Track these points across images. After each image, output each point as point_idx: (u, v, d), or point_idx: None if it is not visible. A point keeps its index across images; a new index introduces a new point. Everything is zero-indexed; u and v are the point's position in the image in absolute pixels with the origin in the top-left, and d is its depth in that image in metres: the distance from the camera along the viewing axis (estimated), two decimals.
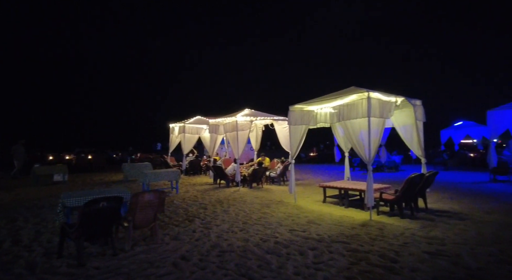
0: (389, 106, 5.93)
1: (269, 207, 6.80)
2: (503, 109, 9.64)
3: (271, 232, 4.82)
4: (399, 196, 5.64)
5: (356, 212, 6.13)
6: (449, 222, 5.19)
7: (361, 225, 5.13)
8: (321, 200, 7.27)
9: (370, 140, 5.63)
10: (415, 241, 4.24)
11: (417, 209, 6.04)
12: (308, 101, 7.05)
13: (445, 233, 4.57)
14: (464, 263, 3.44)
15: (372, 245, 4.10)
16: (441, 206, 6.55)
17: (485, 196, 7.57)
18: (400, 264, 3.45)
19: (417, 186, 5.85)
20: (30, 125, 42.21)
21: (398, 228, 4.90)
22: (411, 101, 6.53)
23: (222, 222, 5.52)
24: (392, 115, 6.23)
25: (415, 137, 6.84)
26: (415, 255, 3.71)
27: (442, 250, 3.88)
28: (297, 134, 7.27)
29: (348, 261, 3.58)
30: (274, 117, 10.65)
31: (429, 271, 3.25)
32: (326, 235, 4.59)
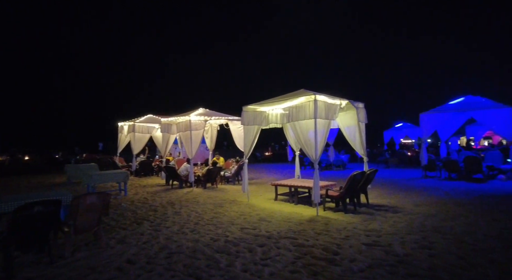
0: (334, 109, 6.32)
1: (222, 206, 6.83)
2: (432, 113, 10.82)
3: (222, 231, 4.87)
4: (343, 193, 6.05)
5: (305, 208, 6.43)
6: (386, 215, 5.70)
7: (308, 221, 5.41)
8: (273, 198, 7.49)
9: (317, 140, 5.96)
10: (355, 234, 4.59)
11: (360, 204, 6.52)
12: (261, 102, 7.22)
13: (382, 225, 5.02)
14: (394, 251, 3.82)
15: (317, 240, 4.36)
16: (380, 201, 7.15)
17: (417, 191, 8.42)
18: (341, 256, 3.72)
19: (359, 183, 6.32)
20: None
21: (341, 223, 5.25)
22: (354, 104, 7.03)
23: (173, 224, 5.42)
24: (337, 117, 6.66)
25: (358, 138, 7.36)
26: (355, 247, 4.03)
27: (378, 240, 4.26)
28: (250, 134, 7.40)
29: (294, 255, 3.77)
30: (229, 117, 10.69)
31: (365, 261, 3.55)
32: (275, 232, 4.76)
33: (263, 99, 7.28)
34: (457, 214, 5.66)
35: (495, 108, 9.61)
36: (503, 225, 4.87)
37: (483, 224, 4.96)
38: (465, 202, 6.71)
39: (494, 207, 6.10)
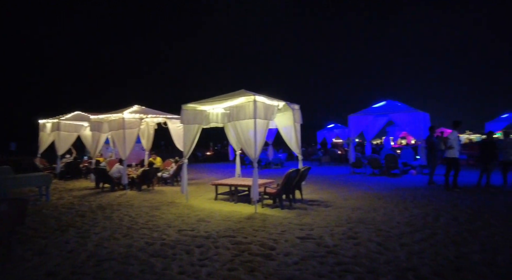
0: (272, 109, 6.57)
1: (158, 209, 6.57)
2: (359, 115, 11.95)
3: (158, 235, 4.69)
4: (279, 190, 6.33)
5: (244, 207, 6.55)
6: (318, 210, 6.13)
7: (247, 218, 5.53)
8: (213, 198, 7.46)
9: (256, 139, 6.12)
10: (290, 229, 4.84)
11: (295, 200, 6.89)
12: (201, 101, 7.13)
13: (314, 219, 5.38)
14: (325, 243, 4.13)
15: (255, 236, 4.48)
16: (313, 196, 7.65)
17: (345, 186, 9.23)
18: (277, 251, 3.90)
19: (294, 180, 6.68)
20: None
21: (278, 218, 5.49)
22: (291, 105, 7.39)
23: (103, 229, 5.04)
24: (275, 118, 6.93)
25: (294, 137, 7.76)
26: (290, 241, 4.25)
27: (311, 234, 4.56)
28: (190, 133, 7.26)
29: (232, 253, 3.83)
30: (168, 115, 10.30)
31: (299, 253, 3.78)
32: (214, 231, 4.76)
33: (204, 99, 7.20)
34: (378, 206, 6.35)
35: (409, 112, 11.01)
36: (411, 213, 5.64)
37: (396, 213, 5.66)
38: (385, 194, 7.57)
39: (406, 198, 7.01)
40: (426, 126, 10.64)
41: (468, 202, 6.47)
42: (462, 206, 6.13)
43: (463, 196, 7.15)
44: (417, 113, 10.73)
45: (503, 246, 3.84)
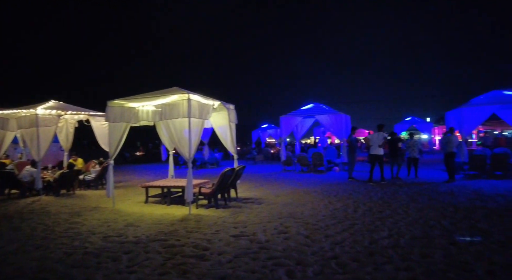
0: (207, 109, 6.52)
1: (80, 215, 5.97)
2: (289, 116, 12.65)
3: (80, 243, 4.27)
4: (215, 189, 6.33)
5: (178, 208, 6.37)
6: (252, 207, 6.31)
7: (180, 220, 5.40)
8: (144, 201, 7.08)
9: (191, 138, 6.00)
10: (225, 228, 4.88)
11: (230, 199, 6.96)
12: (129, 98, 6.69)
13: (248, 216, 5.53)
14: (258, 239, 4.28)
15: (188, 238, 4.41)
16: (248, 194, 7.84)
17: (277, 183, 9.68)
18: (211, 251, 3.90)
19: (229, 179, 6.74)
20: None
21: (212, 218, 5.48)
22: (226, 105, 7.44)
23: (9, 243, 4.37)
24: (210, 117, 6.89)
25: (229, 137, 7.83)
26: (224, 240, 4.29)
27: (244, 231, 4.68)
28: (117, 132, 6.75)
29: (164, 257, 3.70)
30: (90, 112, 9.40)
31: (232, 252, 3.84)
32: (144, 236, 4.53)
33: (133, 95, 6.77)
34: (306, 201, 6.82)
35: (333, 114, 12.05)
36: (334, 206, 6.21)
37: (322, 207, 6.17)
38: (312, 190, 8.17)
39: (330, 193, 7.68)
40: (348, 127, 11.80)
41: (380, 194, 7.39)
42: (376, 198, 6.97)
43: (376, 188, 8.13)
44: (339, 115, 11.80)
45: (405, 231, 4.50)
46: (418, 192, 7.59)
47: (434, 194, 7.27)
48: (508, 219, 5.00)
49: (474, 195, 6.96)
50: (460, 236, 4.21)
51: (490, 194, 7.05)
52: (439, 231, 4.47)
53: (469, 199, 6.56)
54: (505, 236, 4.15)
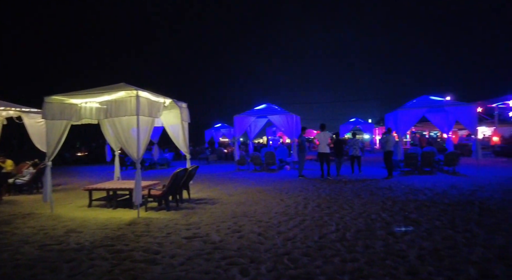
0: (157, 106, 6.27)
1: (10, 224, 5.33)
2: (243, 116, 12.74)
3: (9, 256, 3.81)
4: (166, 191, 6.12)
5: (125, 212, 6.04)
6: (205, 207, 6.24)
7: (128, 224, 5.12)
8: (87, 205, 6.57)
9: (139, 138, 5.72)
10: (177, 230, 4.75)
11: (182, 200, 6.78)
12: (70, 93, 6.16)
13: (201, 217, 5.45)
14: (211, 239, 4.25)
15: (138, 242, 4.20)
16: (201, 194, 7.72)
17: (231, 183, 9.69)
18: (162, 254, 3.76)
19: (182, 180, 6.57)
20: None
21: (163, 221, 5.30)
22: (178, 103, 7.23)
23: None
24: (161, 115, 6.63)
25: (181, 136, 7.62)
26: (176, 243, 4.17)
27: (198, 232, 4.60)
28: (56, 131, 6.17)
29: (111, 263, 3.48)
30: (23, 108, 8.44)
31: (185, 254, 3.76)
32: (88, 242, 4.21)
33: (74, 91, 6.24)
34: (259, 199, 6.94)
35: (284, 114, 12.42)
36: (286, 203, 6.42)
37: (274, 204, 6.34)
38: (265, 188, 8.33)
39: (281, 191, 7.92)
40: (298, 127, 12.26)
41: (328, 190, 7.83)
42: (324, 194, 7.36)
43: (324, 185, 8.58)
44: (290, 116, 12.21)
45: (350, 224, 4.83)
46: (361, 188, 8.18)
47: (375, 189, 7.91)
48: (434, 209, 5.64)
49: (408, 189, 7.72)
50: (396, 227, 4.64)
51: (420, 187, 7.89)
52: (380, 223, 4.88)
53: (404, 193, 7.27)
54: (432, 225, 4.68)
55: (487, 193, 6.96)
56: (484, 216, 5.08)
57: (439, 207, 5.79)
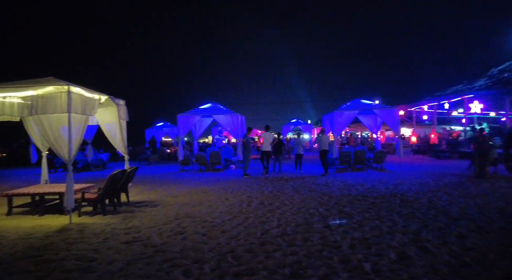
0: (92, 103, 5.81)
1: None
2: (187, 115, 12.49)
3: None
4: (102, 194, 5.72)
5: (54, 218, 5.49)
6: (146, 210, 5.98)
7: (58, 232, 4.67)
8: (5, 213, 5.80)
9: (71, 137, 5.25)
10: (115, 235, 4.49)
11: (120, 204, 6.41)
12: None
13: (141, 221, 5.22)
14: (152, 243, 4.11)
15: (69, 250, 3.87)
16: (141, 197, 7.38)
17: (174, 184, 9.43)
18: (98, 261, 3.53)
19: (119, 182, 6.20)
20: None
21: (99, 226, 4.95)
22: (115, 100, 6.79)
23: None
24: (95, 113, 6.17)
25: (119, 136, 7.17)
26: (113, 248, 3.95)
27: (137, 236, 4.41)
28: None
29: (36, 276, 3.16)
30: None
31: (124, 259, 3.58)
32: (7, 255, 3.74)
33: None
34: (204, 199, 6.90)
35: (230, 114, 12.48)
36: (230, 202, 6.49)
37: (219, 204, 6.37)
38: (210, 188, 8.30)
39: (226, 190, 7.98)
40: (243, 127, 12.44)
41: (271, 188, 8.12)
42: (267, 192, 7.62)
43: (268, 183, 8.88)
44: (236, 115, 12.32)
45: (291, 220, 5.10)
46: (301, 184, 8.66)
47: (313, 185, 8.44)
48: (364, 202, 6.25)
49: (342, 185, 8.41)
50: (332, 220, 5.04)
51: (353, 183, 8.66)
52: (317, 217, 5.25)
53: (339, 189, 7.90)
54: (362, 217, 5.19)
55: (406, 186, 7.94)
56: (403, 207, 5.80)
57: (368, 200, 6.43)
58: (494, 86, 13.80)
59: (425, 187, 7.87)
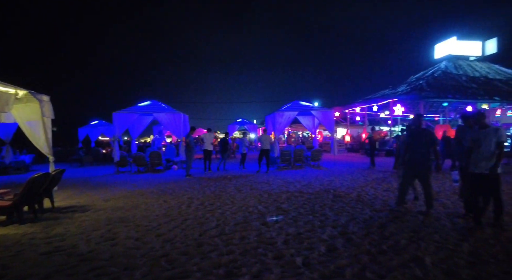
0: (6, 98, 5.14)
1: None
2: (124, 113, 11.73)
3: None
4: (18, 200, 5.07)
5: None
6: (73, 216, 5.47)
7: None
8: None
9: None
10: (32, 246, 4.03)
11: (43, 210, 5.77)
12: None
13: (67, 228, 4.77)
14: (78, 251, 3.78)
15: None
16: (69, 202, 6.73)
17: (109, 186, 8.80)
18: (8, 277, 3.14)
19: (41, 186, 5.57)
20: None
21: (14, 236, 4.39)
22: (37, 96, 6.09)
23: None
24: (10, 109, 5.46)
25: (42, 135, 6.48)
26: (30, 260, 3.54)
27: (61, 245, 4.02)
28: None
29: None
30: None
31: (42, 272, 3.23)
32: None
33: None
34: (140, 202, 6.56)
35: (171, 112, 12.05)
36: (169, 204, 6.28)
37: (156, 206, 6.12)
38: (148, 191, 7.92)
39: (166, 192, 7.70)
40: (186, 126, 12.14)
41: (213, 188, 8.06)
42: (208, 192, 7.55)
43: (211, 183, 8.80)
44: (178, 114, 11.94)
45: (230, 219, 5.13)
46: (243, 183, 8.76)
47: (255, 184, 8.60)
48: (301, 198, 6.58)
49: (282, 182, 8.73)
50: (269, 217, 5.20)
51: (292, 180, 9.05)
52: (256, 215, 5.36)
53: (278, 186, 8.18)
54: (297, 212, 5.45)
55: (339, 182, 8.56)
56: (335, 202, 6.25)
57: (304, 196, 6.78)
58: (411, 92, 15.62)
59: (356, 182, 8.58)
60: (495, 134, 4.23)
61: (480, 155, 4.29)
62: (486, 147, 4.24)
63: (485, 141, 4.26)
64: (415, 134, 5.18)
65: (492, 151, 4.23)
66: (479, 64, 20.84)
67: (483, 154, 4.26)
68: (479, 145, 4.30)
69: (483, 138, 4.28)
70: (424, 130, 5.20)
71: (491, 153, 4.23)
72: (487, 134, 4.28)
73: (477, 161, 4.32)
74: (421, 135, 5.11)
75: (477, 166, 4.32)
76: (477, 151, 4.32)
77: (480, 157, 4.28)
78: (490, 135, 4.25)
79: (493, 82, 17.94)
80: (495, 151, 4.23)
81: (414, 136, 5.18)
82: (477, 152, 4.32)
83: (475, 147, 4.35)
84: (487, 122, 4.42)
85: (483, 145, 4.27)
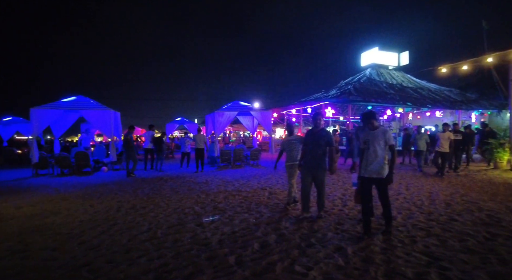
0: None
1: None
2: (45, 108, 10.44)
3: None
4: None
5: None
6: None
7: None
8: None
9: None
10: None
11: None
12: None
13: None
14: None
15: None
16: None
17: (23, 191, 7.74)
18: None
19: None
20: None
21: None
22: None
23: None
24: None
25: None
26: None
27: None
28: None
29: None
30: None
31: None
32: None
33: None
34: (61, 208, 5.91)
35: (101, 109, 11.09)
36: (95, 209, 5.79)
37: (81, 212, 5.57)
38: (72, 195, 7.18)
39: (93, 195, 7.07)
40: (118, 124, 11.33)
41: (147, 190, 7.66)
42: (142, 194, 7.15)
43: (144, 185, 8.34)
44: (108, 111, 11.03)
45: (163, 222, 4.93)
46: (181, 184, 8.52)
47: (193, 184, 8.43)
48: (238, 197, 6.65)
49: (221, 182, 8.72)
50: (205, 217, 5.15)
51: (231, 179, 9.10)
52: (192, 216, 5.26)
53: (217, 186, 8.14)
54: (234, 211, 5.50)
55: (275, 180, 8.88)
56: (271, 199, 6.46)
57: (242, 195, 6.87)
58: (341, 95, 16.99)
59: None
60: (383, 137, 4.05)
61: (369, 156, 4.09)
62: (374, 149, 4.05)
63: (373, 143, 4.07)
64: (314, 135, 4.98)
65: (380, 153, 4.04)
66: (396, 73, 23.58)
67: (371, 156, 4.07)
68: (368, 147, 4.11)
69: (371, 140, 4.09)
70: (321, 131, 5.00)
71: (379, 155, 4.04)
72: (376, 136, 4.08)
73: (366, 164, 4.11)
74: (319, 136, 4.93)
75: (366, 169, 4.11)
76: (367, 153, 4.12)
77: (370, 159, 4.07)
78: (378, 137, 4.06)
79: (406, 89, 20.48)
80: (385, 154, 4.08)
81: (312, 137, 4.98)
82: (367, 154, 4.12)
83: (365, 148, 4.15)
84: (376, 123, 4.16)
85: (371, 147, 4.08)
